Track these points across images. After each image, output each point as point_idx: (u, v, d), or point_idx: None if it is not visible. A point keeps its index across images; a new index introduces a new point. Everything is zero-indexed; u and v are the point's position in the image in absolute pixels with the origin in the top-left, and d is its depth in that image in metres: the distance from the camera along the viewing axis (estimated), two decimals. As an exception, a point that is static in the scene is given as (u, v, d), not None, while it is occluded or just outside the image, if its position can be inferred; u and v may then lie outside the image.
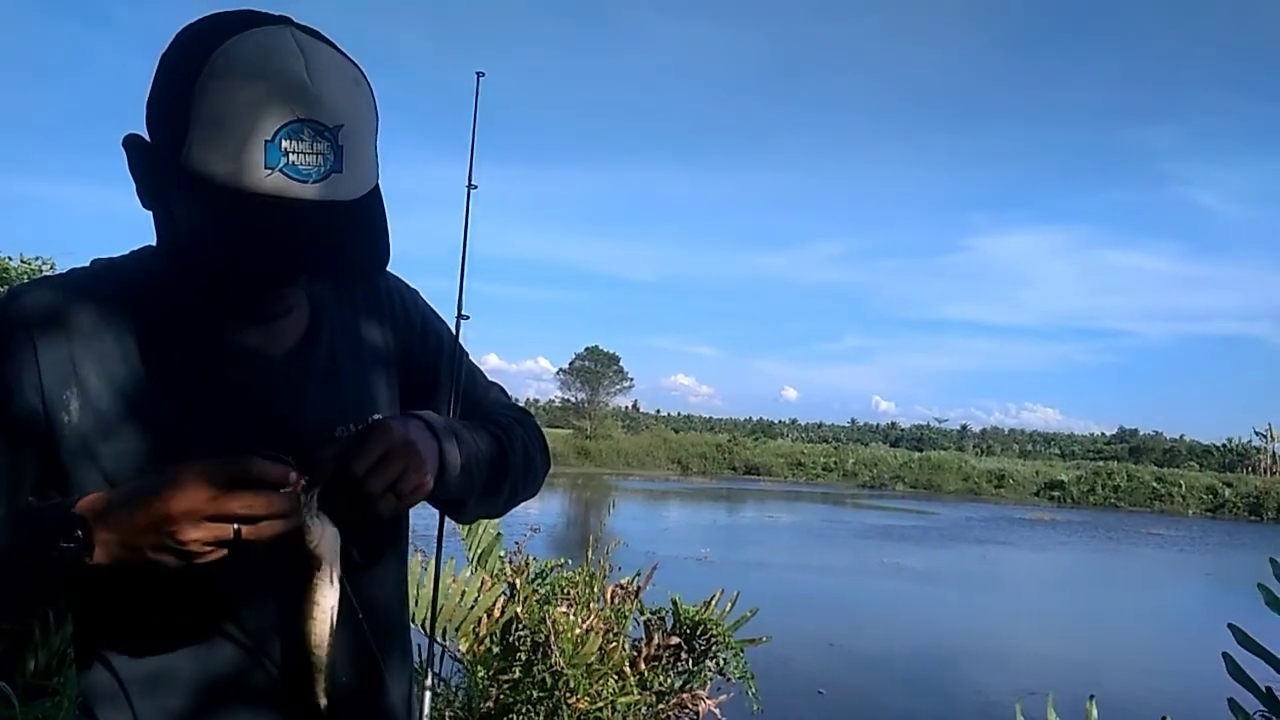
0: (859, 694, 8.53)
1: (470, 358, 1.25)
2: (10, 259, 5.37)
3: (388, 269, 0.97)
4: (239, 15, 0.89)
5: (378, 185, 0.93)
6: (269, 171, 0.83)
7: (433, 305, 1.25)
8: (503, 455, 1.14)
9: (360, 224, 0.91)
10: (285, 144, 0.83)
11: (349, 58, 0.91)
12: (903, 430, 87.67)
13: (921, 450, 60.19)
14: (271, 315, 1.01)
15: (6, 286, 5.01)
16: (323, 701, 0.93)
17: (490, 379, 1.30)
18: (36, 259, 5.67)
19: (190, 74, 0.85)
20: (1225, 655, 2.14)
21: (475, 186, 1.33)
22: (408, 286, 1.21)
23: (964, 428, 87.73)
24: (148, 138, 0.92)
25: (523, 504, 1.24)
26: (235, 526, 0.82)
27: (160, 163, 0.89)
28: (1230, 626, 2.16)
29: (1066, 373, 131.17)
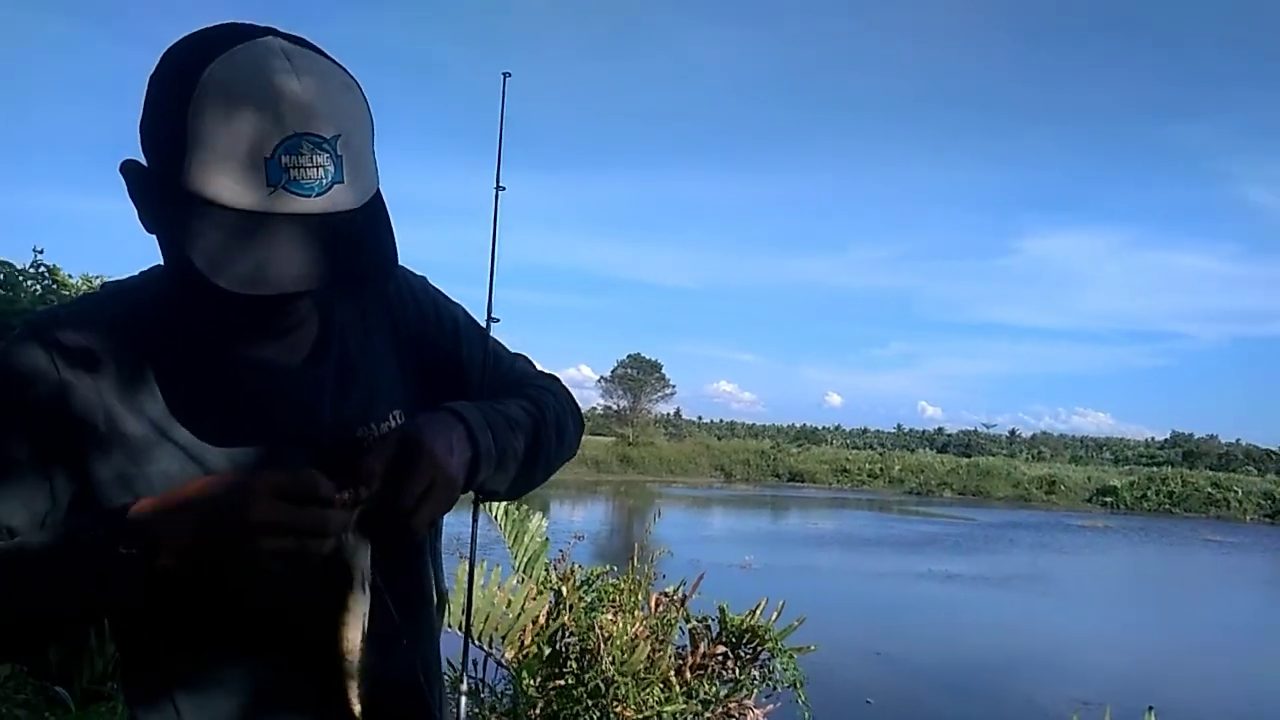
0: (908, 703, 8.42)
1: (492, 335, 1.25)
2: (72, 276, 5.53)
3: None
4: (224, 30, 0.87)
5: (379, 190, 0.93)
6: (272, 189, 0.83)
7: (464, 306, 1.25)
8: (537, 433, 1.13)
9: (366, 230, 0.90)
10: (285, 159, 0.83)
11: (337, 63, 0.90)
12: (950, 436, 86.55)
13: (969, 456, 59.38)
14: (284, 329, 1.01)
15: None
16: (356, 709, 0.94)
17: (514, 350, 1.29)
18: (97, 277, 5.83)
19: (182, 96, 0.83)
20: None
21: (504, 188, 1.31)
22: (413, 274, 1.19)
23: (1013, 433, 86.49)
24: (144, 162, 0.91)
25: (567, 513, 1.25)
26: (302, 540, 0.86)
27: (161, 187, 0.88)
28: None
29: (1118, 376, 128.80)
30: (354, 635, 0.92)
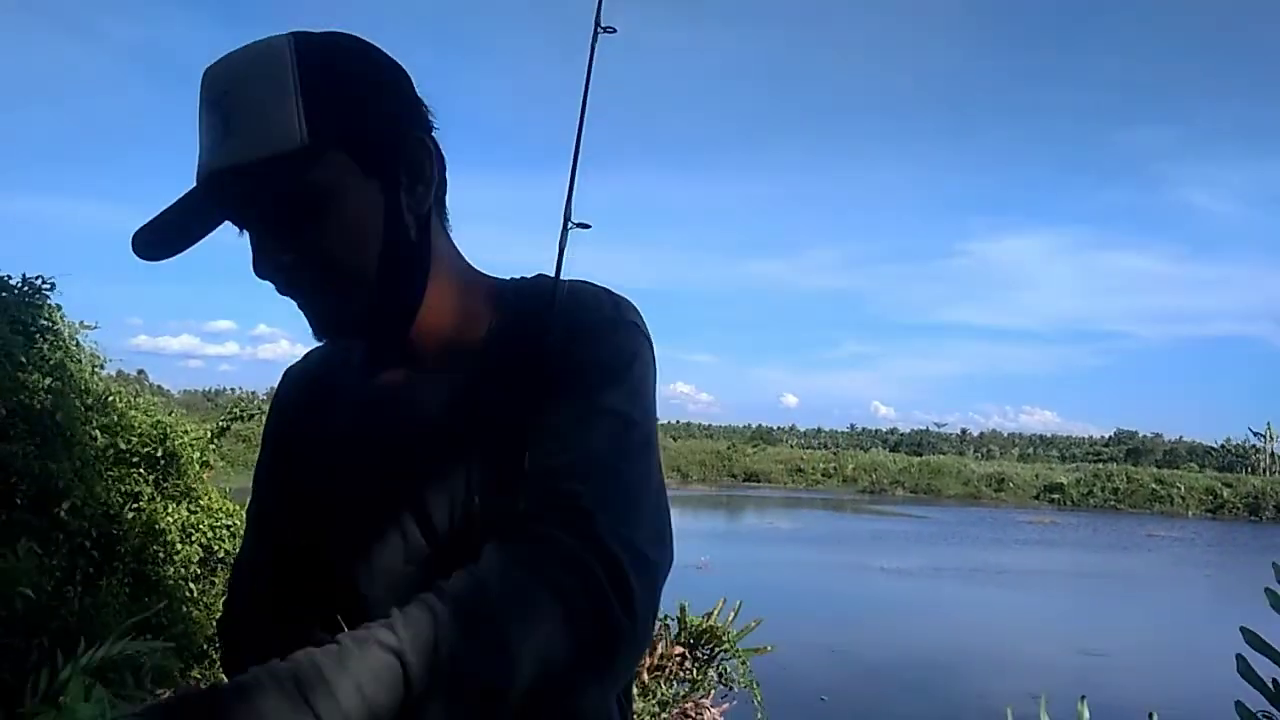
0: (861, 700, 8.52)
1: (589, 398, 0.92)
2: (11, 277, 5.40)
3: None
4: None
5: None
6: None
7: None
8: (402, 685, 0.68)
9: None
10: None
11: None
12: (902, 435, 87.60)
13: (921, 455, 60.21)
14: (422, 355, 0.96)
15: (4, 304, 5.02)
16: None
17: (608, 410, 0.93)
18: (38, 278, 5.71)
19: None
20: (1239, 657, 2.13)
21: (584, 227, 1.08)
22: (589, 337, 0.96)
23: (963, 432, 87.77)
24: None
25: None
26: None
27: None
28: (1242, 630, 2.15)
29: (1065, 375, 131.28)
30: None
